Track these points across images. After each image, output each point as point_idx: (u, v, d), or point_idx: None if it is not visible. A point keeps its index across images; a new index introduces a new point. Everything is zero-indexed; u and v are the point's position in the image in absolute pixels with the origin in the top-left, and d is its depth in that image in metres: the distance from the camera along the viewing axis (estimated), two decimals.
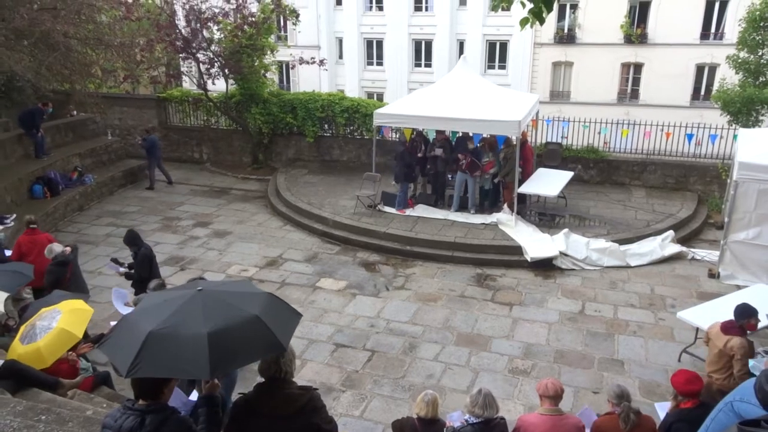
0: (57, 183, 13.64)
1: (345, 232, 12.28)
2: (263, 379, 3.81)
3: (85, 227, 13.06)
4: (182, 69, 17.87)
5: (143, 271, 8.13)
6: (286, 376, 3.73)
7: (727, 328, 6.22)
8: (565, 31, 29.56)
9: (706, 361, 6.55)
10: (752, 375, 5.40)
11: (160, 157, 15.97)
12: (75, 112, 16.93)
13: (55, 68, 14.66)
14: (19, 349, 5.64)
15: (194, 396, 5.19)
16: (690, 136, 13.85)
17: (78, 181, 14.42)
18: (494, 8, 4.61)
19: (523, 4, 4.55)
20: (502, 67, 31.38)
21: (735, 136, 12.36)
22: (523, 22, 4.54)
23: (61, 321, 5.74)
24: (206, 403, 3.82)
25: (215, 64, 16.05)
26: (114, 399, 5.74)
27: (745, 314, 6.17)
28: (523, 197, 12.67)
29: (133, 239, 8.35)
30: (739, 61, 15.76)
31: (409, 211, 12.85)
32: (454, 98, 12.53)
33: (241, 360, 3.65)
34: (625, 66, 29.32)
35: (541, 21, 4.38)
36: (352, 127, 16.45)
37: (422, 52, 32.71)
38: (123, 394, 5.97)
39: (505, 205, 12.49)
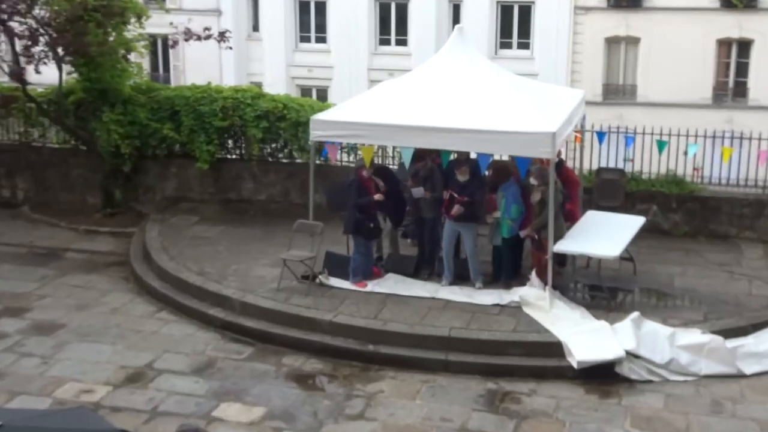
0: None
1: (262, 322, 12.20)
2: None
3: None
4: None
5: None
6: None
7: None
8: None
9: None
10: None
11: None
12: None
13: None
14: None
15: None
16: None
17: None
18: None
19: None
20: (524, 46, 32.18)
21: None
22: None
23: None
24: None
25: (40, 39, 15.97)
26: None
27: None
28: (563, 259, 12.66)
29: None
30: None
31: (372, 285, 12.84)
32: (445, 96, 12.63)
33: None
34: (724, 45, 30.22)
35: None
36: (274, 145, 16.53)
37: (391, 21, 33.36)
38: None
39: (534, 274, 12.51)
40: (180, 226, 15.62)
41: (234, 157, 16.85)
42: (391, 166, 15.14)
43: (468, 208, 12.56)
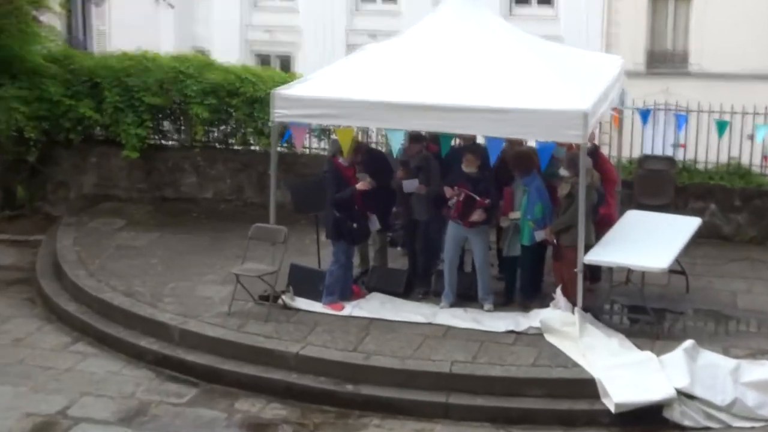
0: None
1: (209, 356, 11.76)
2: None
3: None
4: None
5: None
6: None
7: None
8: None
9: None
10: None
11: None
12: None
13: None
14: None
15: None
16: None
17: None
18: None
19: None
20: (546, 1, 33.30)
21: None
22: None
23: None
24: None
25: None
26: None
27: None
28: (597, 273, 12.55)
29: None
30: None
31: (351, 307, 12.57)
32: (446, 65, 12.37)
33: None
34: None
35: None
36: (224, 128, 16.72)
37: None
38: None
39: (559, 291, 12.12)
40: (101, 233, 15.52)
41: (172, 143, 16.91)
42: None
43: (470, 204, 12.19)
